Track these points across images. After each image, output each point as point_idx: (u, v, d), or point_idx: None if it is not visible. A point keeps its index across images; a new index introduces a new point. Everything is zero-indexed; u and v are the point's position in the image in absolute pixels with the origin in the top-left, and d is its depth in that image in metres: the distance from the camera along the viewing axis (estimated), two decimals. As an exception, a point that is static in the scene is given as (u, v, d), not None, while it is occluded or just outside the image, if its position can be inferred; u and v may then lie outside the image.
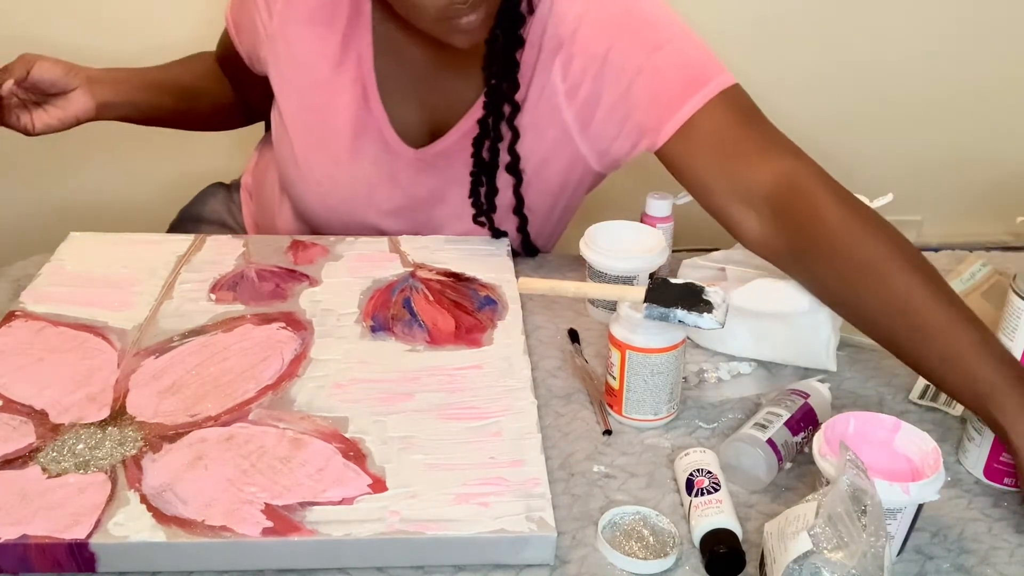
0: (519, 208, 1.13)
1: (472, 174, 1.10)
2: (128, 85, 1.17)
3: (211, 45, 1.29)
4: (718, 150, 0.98)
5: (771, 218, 0.93)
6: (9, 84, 1.02)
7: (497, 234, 1.15)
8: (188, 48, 1.29)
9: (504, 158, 1.09)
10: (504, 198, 1.12)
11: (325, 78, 1.10)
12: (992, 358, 0.78)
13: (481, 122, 1.07)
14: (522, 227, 1.15)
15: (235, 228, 1.37)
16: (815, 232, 0.89)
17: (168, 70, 1.25)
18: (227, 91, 1.29)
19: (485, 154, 1.08)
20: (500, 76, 1.04)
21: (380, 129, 1.11)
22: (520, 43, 1.04)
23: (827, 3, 1.77)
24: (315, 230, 1.21)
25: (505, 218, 1.15)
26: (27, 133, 1.07)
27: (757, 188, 0.94)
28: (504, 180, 1.11)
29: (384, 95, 1.10)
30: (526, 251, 1.19)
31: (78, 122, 1.11)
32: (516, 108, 1.06)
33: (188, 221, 1.37)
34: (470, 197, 1.12)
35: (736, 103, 0.99)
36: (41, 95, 1.07)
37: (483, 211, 1.13)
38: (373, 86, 1.09)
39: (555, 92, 1.06)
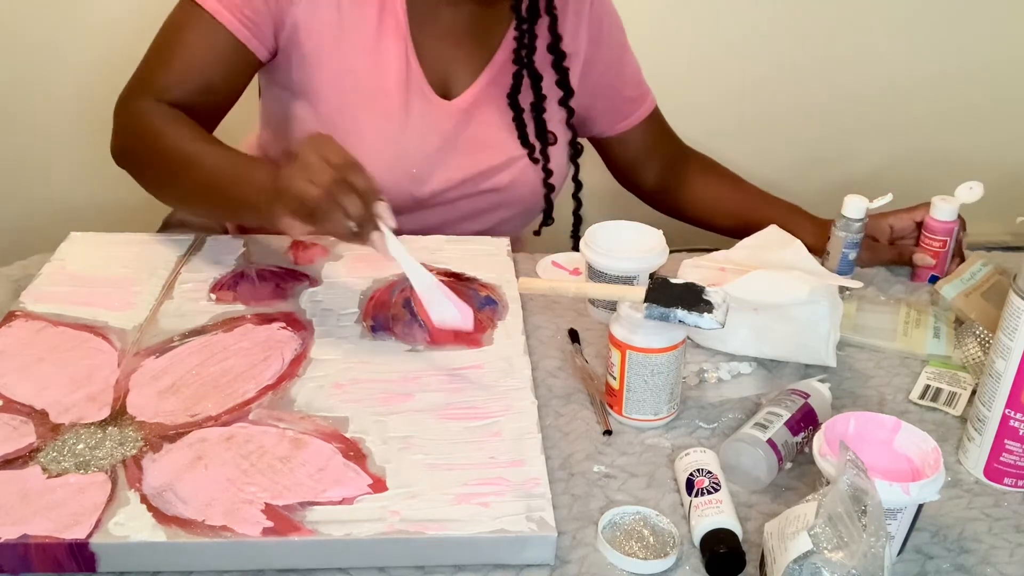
0: (573, 140, 1.23)
1: (515, 115, 1.19)
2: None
3: None
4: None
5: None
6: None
7: (548, 174, 1.22)
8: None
9: (555, 93, 1.20)
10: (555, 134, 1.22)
11: (370, 43, 1.13)
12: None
13: (516, 52, 1.17)
14: (574, 156, 1.23)
15: (217, 230, 1.31)
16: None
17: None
18: None
19: (528, 92, 1.19)
20: (532, 11, 1.16)
21: (420, 86, 1.16)
22: None
23: (827, 1, 1.77)
24: None
25: (553, 152, 1.22)
26: None
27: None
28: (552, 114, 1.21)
29: (419, 53, 1.15)
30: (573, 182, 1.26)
31: None
32: (557, 38, 1.19)
33: (174, 227, 1.33)
34: (519, 139, 1.20)
35: None
36: None
37: (535, 149, 1.21)
38: (411, 45, 1.14)
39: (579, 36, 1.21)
